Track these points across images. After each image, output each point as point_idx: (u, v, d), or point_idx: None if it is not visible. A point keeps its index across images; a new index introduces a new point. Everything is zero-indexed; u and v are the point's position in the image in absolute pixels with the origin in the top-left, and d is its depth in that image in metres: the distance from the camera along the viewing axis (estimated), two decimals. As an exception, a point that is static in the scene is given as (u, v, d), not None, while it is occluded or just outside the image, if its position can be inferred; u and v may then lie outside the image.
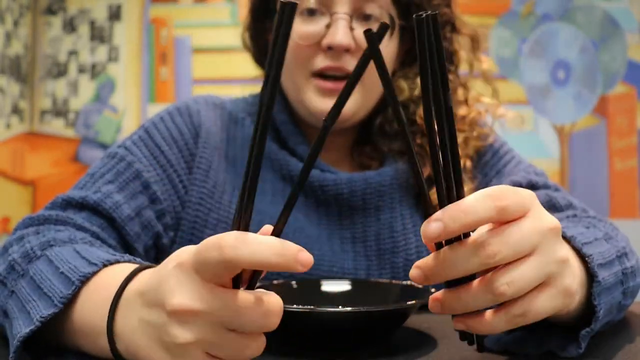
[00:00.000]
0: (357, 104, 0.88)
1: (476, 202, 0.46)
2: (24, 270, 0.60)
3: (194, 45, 2.55)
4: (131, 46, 2.55)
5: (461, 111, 0.91)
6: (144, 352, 0.47)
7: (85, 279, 0.55)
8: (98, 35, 2.54)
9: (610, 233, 0.70)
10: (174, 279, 0.44)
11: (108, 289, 0.52)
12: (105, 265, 0.57)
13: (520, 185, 0.86)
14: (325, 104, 0.86)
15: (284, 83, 0.92)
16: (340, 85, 0.85)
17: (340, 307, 0.68)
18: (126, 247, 0.78)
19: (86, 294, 0.55)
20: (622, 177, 2.49)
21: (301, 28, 0.86)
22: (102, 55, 2.54)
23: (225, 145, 0.91)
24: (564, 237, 0.56)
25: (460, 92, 0.93)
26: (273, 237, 0.44)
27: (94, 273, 0.56)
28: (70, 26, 2.54)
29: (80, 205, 0.77)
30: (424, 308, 0.67)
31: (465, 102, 0.93)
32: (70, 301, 0.54)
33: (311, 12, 0.85)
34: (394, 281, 0.75)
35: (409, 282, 0.73)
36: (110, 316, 0.50)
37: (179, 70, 2.54)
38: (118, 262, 0.58)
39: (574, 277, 0.51)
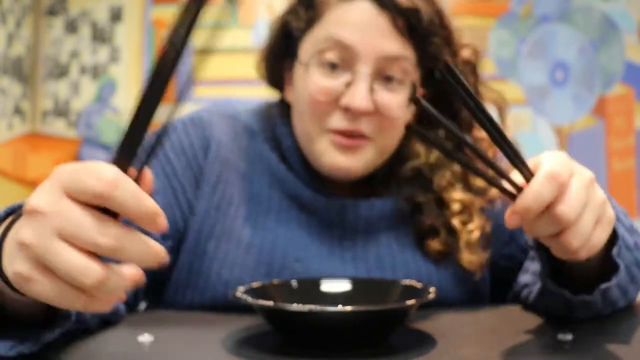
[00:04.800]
0: (370, 161, 0.86)
1: (542, 186, 0.55)
2: None
3: (194, 46, 2.55)
4: (132, 47, 2.55)
5: (481, 134, 0.91)
6: (4, 259, 0.48)
7: (5, 215, 0.54)
8: (99, 36, 2.54)
9: (614, 204, 0.75)
10: (41, 186, 0.45)
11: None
12: (14, 211, 0.56)
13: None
14: (339, 160, 0.84)
15: (294, 125, 0.90)
16: (356, 142, 0.83)
17: (340, 307, 0.69)
18: None
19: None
20: (621, 178, 2.49)
21: (321, 82, 0.83)
22: (104, 56, 2.54)
23: (236, 157, 0.90)
24: None
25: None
26: (143, 193, 0.45)
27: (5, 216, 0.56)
28: (71, 27, 2.54)
29: None
30: (423, 308, 0.68)
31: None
32: None
33: (333, 66, 0.83)
34: (393, 281, 0.76)
35: (409, 282, 0.74)
36: (2, 236, 0.50)
37: (180, 70, 2.54)
38: None
39: (611, 208, 0.61)
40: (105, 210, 0.45)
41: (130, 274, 0.46)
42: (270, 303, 0.64)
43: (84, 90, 2.53)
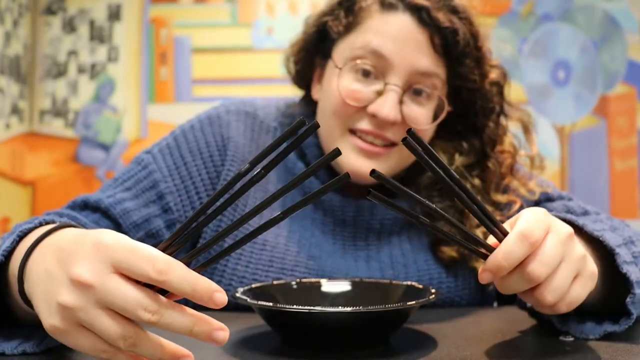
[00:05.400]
0: (392, 168, 0.88)
1: (513, 246, 0.55)
2: (3, 242, 0.66)
3: (193, 45, 2.55)
4: (131, 46, 2.54)
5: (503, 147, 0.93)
6: (35, 296, 0.51)
7: (23, 234, 0.59)
8: (98, 35, 2.54)
9: (616, 225, 0.75)
10: (87, 254, 0.47)
11: (34, 238, 0.56)
12: (42, 224, 0.61)
13: (532, 192, 0.91)
14: (357, 163, 0.85)
15: (319, 122, 0.91)
16: (376, 149, 0.85)
17: (340, 307, 0.68)
18: None
19: (21, 245, 0.58)
20: (623, 178, 2.48)
21: (352, 86, 0.85)
22: (102, 55, 2.53)
23: (253, 156, 0.91)
24: (576, 226, 0.69)
25: (507, 181, 0.93)
26: (195, 274, 0.47)
27: (32, 229, 0.60)
28: (69, 26, 2.54)
29: (95, 208, 0.83)
30: (424, 308, 0.67)
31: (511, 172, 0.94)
32: (12, 254, 0.58)
33: (366, 73, 0.84)
34: (394, 281, 0.75)
35: (409, 283, 0.73)
36: (24, 258, 0.54)
37: (179, 70, 2.54)
38: (54, 222, 0.63)
39: (592, 262, 0.61)
40: None
41: (165, 345, 0.48)
42: (269, 304, 0.64)
43: (82, 90, 2.53)
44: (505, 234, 0.57)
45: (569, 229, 0.59)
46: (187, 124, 0.92)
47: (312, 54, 0.93)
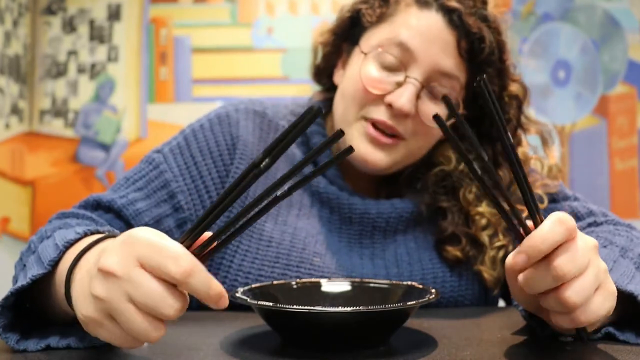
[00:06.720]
0: (398, 160, 0.90)
1: (550, 229, 0.54)
2: (35, 247, 0.68)
3: (193, 45, 2.54)
4: (131, 46, 2.54)
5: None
6: (75, 294, 0.55)
7: (69, 245, 0.62)
8: (97, 35, 2.54)
9: (626, 245, 0.75)
10: (117, 247, 0.51)
11: (81, 248, 0.59)
12: (87, 235, 0.64)
13: (541, 198, 0.92)
14: (367, 151, 0.87)
15: (335, 105, 0.93)
16: (385, 139, 0.87)
17: (340, 307, 0.68)
18: None
19: (67, 255, 0.61)
20: (623, 177, 2.48)
21: (374, 74, 0.86)
22: (102, 55, 2.53)
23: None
24: None
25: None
26: (210, 277, 0.50)
27: (77, 240, 0.63)
28: (69, 26, 2.54)
29: (107, 208, 0.85)
30: (424, 308, 0.67)
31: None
32: (58, 264, 0.61)
33: (389, 64, 0.86)
34: (394, 282, 0.75)
35: (409, 283, 0.73)
36: (72, 266, 0.57)
37: (179, 70, 2.54)
38: (98, 231, 0.65)
39: (612, 282, 0.59)
40: None
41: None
42: (269, 304, 0.63)
43: (82, 90, 2.52)
44: (542, 220, 0.56)
45: (595, 241, 0.58)
46: (197, 123, 0.94)
47: (341, 39, 0.95)
